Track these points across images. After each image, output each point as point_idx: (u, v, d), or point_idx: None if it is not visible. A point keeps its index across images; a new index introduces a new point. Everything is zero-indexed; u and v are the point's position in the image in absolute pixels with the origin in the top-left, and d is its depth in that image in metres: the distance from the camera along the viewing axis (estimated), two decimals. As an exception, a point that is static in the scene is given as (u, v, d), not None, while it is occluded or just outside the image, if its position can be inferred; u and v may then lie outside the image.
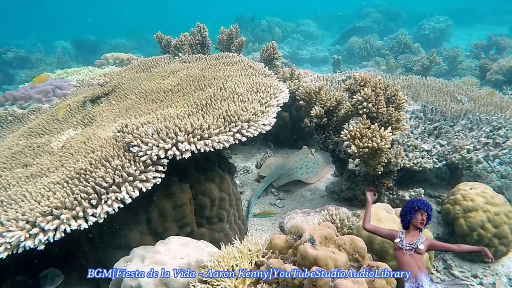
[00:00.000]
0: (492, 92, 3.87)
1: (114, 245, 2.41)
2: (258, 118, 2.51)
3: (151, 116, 2.74)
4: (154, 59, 4.57)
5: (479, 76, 7.38)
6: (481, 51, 9.09)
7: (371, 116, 2.77)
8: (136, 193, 2.10)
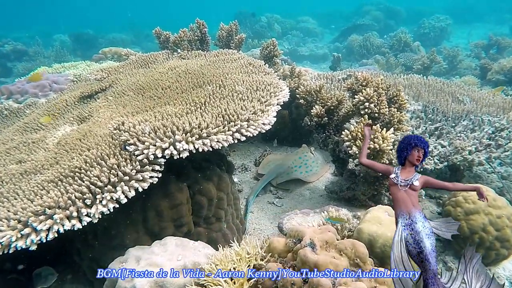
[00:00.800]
0: (501, 88, 3.83)
1: (109, 245, 2.36)
2: (258, 117, 2.46)
3: (149, 113, 2.69)
4: (152, 55, 4.50)
5: (480, 76, 7.34)
6: (481, 51, 9.05)
7: (372, 117, 2.72)
8: (132, 193, 2.05)
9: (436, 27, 12.73)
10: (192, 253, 2.03)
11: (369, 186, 3.08)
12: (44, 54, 12.32)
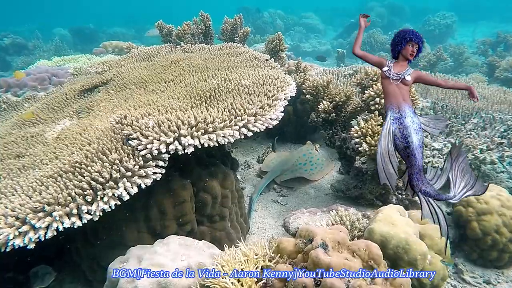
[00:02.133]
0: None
1: (110, 243, 2.28)
2: (265, 112, 2.37)
3: (152, 107, 2.59)
4: (155, 48, 4.40)
5: (487, 73, 7.23)
6: (488, 48, 8.91)
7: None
8: (135, 189, 1.96)
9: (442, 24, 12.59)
10: (196, 253, 1.95)
11: (377, 185, 2.99)
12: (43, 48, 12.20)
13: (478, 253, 2.75)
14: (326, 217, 2.46)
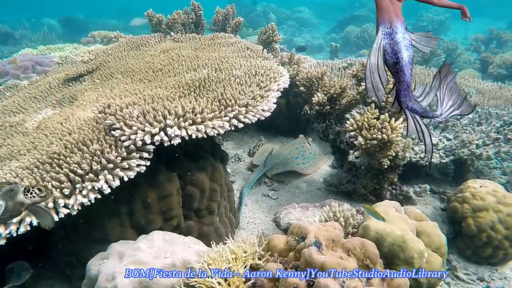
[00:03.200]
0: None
1: (90, 238, 2.16)
2: (257, 103, 2.26)
3: (138, 96, 2.46)
4: (144, 37, 4.24)
5: (480, 69, 7.21)
6: (481, 44, 8.90)
7: (379, 106, 2.54)
8: (117, 182, 1.84)
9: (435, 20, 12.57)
10: (181, 250, 1.84)
11: (371, 180, 2.91)
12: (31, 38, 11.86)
13: (472, 250, 2.69)
14: (319, 212, 2.37)
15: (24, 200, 1.44)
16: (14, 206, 1.43)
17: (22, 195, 1.44)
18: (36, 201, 1.46)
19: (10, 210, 1.44)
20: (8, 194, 1.42)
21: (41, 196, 1.46)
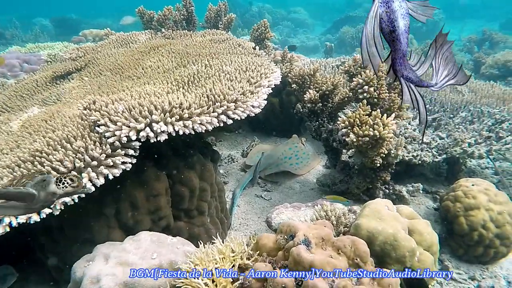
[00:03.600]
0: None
1: (77, 239, 2.10)
2: (246, 98, 2.21)
3: (125, 93, 2.41)
4: (134, 34, 4.18)
5: (473, 70, 7.23)
6: (474, 45, 8.94)
7: (371, 102, 2.50)
8: (101, 180, 1.78)
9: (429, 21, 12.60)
10: (169, 251, 1.78)
11: (364, 179, 2.87)
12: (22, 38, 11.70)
13: (464, 249, 2.67)
14: (311, 212, 2.33)
15: (56, 190, 1.42)
16: (46, 196, 1.41)
17: (54, 185, 1.42)
18: (68, 191, 1.44)
19: (42, 200, 1.42)
20: (40, 184, 1.40)
21: (73, 186, 1.44)
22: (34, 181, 1.41)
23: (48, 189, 1.41)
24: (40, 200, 1.42)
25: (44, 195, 1.41)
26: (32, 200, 1.40)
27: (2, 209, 1.45)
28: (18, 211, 1.50)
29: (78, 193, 1.61)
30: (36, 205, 1.45)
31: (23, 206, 1.44)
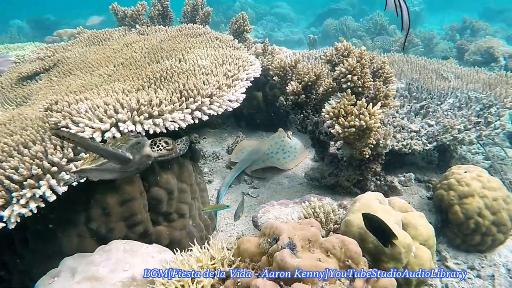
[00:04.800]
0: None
1: (44, 254, 1.92)
2: (222, 92, 2.05)
3: (93, 91, 2.23)
4: (107, 31, 3.97)
5: (457, 57, 7.19)
6: (456, 33, 8.93)
7: (356, 92, 2.37)
8: (63, 188, 1.61)
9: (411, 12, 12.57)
10: (143, 261, 1.62)
11: (354, 171, 2.75)
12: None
13: (461, 238, 2.57)
14: (299, 209, 2.19)
15: (151, 153, 1.45)
16: (140, 159, 1.44)
17: (149, 148, 1.45)
18: (163, 154, 1.48)
19: (137, 163, 1.44)
20: (135, 147, 1.42)
21: (167, 149, 1.48)
22: (129, 144, 1.42)
23: (143, 152, 1.43)
24: (135, 163, 1.44)
25: (138, 158, 1.44)
26: (127, 163, 1.41)
27: (97, 172, 1.49)
28: (113, 174, 1.55)
29: (172, 156, 1.66)
30: (130, 168, 1.47)
31: (118, 169, 1.47)
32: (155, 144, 1.45)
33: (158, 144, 1.46)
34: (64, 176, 1.60)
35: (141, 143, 1.43)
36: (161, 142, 1.46)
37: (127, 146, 1.40)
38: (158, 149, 1.45)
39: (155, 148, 1.45)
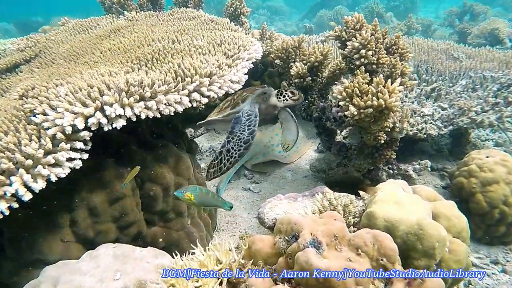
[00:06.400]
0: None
1: (23, 262, 1.67)
2: (223, 72, 1.81)
3: (76, 77, 1.97)
4: (94, 19, 3.69)
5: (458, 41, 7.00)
6: (455, 18, 8.74)
7: (369, 70, 2.14)
8: (40, 184, 1.36)
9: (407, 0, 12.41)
10: (137, 267, 1.38)
11: (365, 159, 2.52)
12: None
13: (483, 230, 2.37)
14: (310, 202, 1.96)
15: (277, 103, 1.48)
16: (266, 109, 1.49)
17: (275, 98, 1.48)
18: (289, 104, 1.48)
19: (263, 113, 1.49)
20: (261, 97, 1.47)
21: (293, 99, 1.49)
22: (255, 94, 1.46)
23: (269, 101, 1.47)
24: (261, 113, 1.46)
25: (264, 108, 1.47)
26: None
27: (223, 123, 1.53)
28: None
29: (298, 105, 1.74)
30: (257, 118, 1.50)
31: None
32: (281, 94, 1.47)
33: (284, 94, 1.47)
34: (42, 171, 1.35)
35: (267, 93, 1.46)
36: (287, 92, 1.47)
37: (253, 97, 1.44)
38: (284, 99, 1.47)
39: (281, 98, 1.47)
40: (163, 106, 1.53)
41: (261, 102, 1.46)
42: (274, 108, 1.46)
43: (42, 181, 1.37)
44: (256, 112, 1.47)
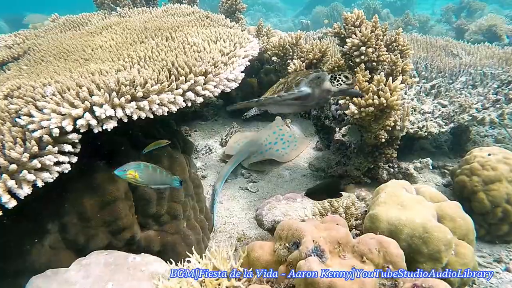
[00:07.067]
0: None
1: (8, 271, 1.59)
2: (219, 70, 1.74)
3: (64, 75, 1.89)
4: (85, 15, 3.60)
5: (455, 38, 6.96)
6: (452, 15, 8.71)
7: (369, 67, 2.08)
8: (26, 190, 1.28)
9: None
10: (129, 276, 1.31)
11: (365, 158, 2.47)
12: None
13: (485, 229, 2.32)
14: (310, 203, 1.91)
15: (331, 88, 1.46)
16: (320, 93, 1.47)
17: (328, 82, 1.46)
18: (343, 89, 1.48)
19: (317, 97, 1.49)
20: (315, 81, 1.45)
21: (347, 83, 1.47)
22: (309, 78, 1.46)
23: (323, 86, 1.46)
24: (315, 97, 1.47)
25: (318, 92, 1.46)
26: (307, 98, 1.47)
27: (277, 105, 1.63)
28: (291, 108, 1.68)
29: (353, 92, 1.73)
30: (310, 103, 1.52)
31: (297, 103, 1.55)
32: (335, 78, 1.47)
33: (338, 79, 1.46)
34: (27, 176, 1.28)
35: (321, 78, 1.45)
36: (340, 77, 1.47)
37: (306, 81, 1.44)
38: (338, 84, 1.46)
39: (335, 82, 1.46)
40: (156, 107, 1.46)
41: (314, 87, 1.43)
42: (328, 92, 1.46)
43: (27, 186, 1.29)
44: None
